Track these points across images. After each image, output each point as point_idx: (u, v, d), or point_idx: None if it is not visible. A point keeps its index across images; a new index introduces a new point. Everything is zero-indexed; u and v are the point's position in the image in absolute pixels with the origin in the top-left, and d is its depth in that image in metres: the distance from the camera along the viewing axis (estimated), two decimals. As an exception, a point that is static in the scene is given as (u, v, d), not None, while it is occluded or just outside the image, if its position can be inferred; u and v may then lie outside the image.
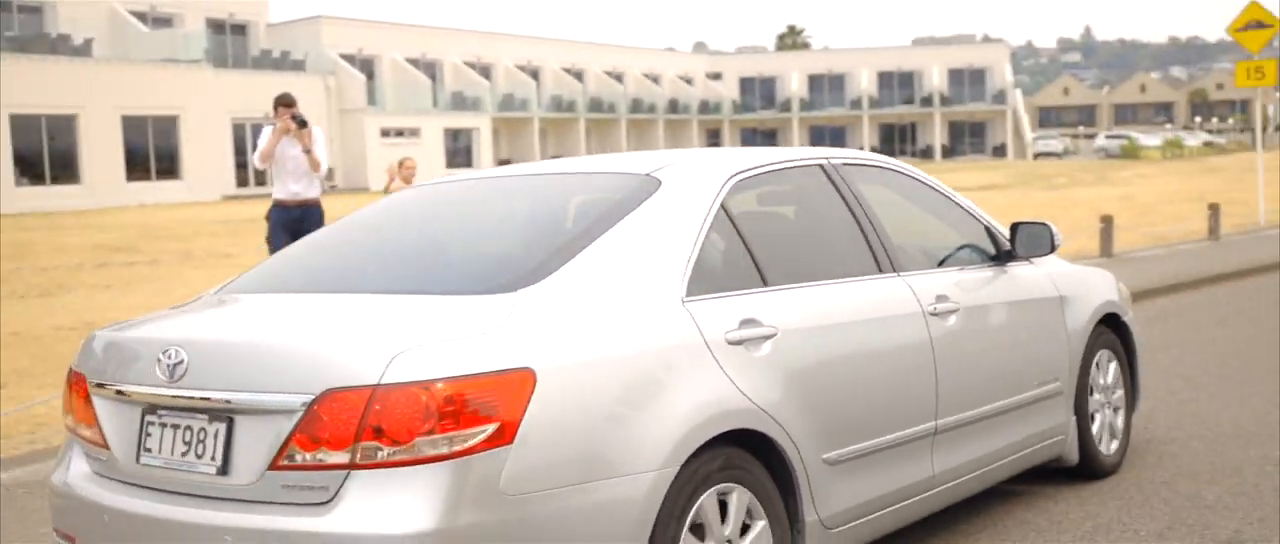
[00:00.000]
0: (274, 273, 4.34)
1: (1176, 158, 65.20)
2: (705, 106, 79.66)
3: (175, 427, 3.48)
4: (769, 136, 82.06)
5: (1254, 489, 5.37)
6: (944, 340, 4.66)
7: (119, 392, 3.64)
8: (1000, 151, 76.93)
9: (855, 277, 4.52)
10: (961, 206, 5.39)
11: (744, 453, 3.75)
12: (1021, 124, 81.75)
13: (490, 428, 3.16)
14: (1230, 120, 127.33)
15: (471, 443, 3.14)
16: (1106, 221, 16.74)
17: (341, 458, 3.16)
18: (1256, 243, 17.75)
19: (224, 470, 3.35)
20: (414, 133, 56.74)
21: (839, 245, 4.65)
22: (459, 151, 59.36)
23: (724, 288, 3.96)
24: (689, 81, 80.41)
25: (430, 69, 61.95)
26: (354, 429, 3.14)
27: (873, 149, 67.89)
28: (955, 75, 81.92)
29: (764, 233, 4.43)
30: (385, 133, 55.40)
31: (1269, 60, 20.69)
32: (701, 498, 3.58)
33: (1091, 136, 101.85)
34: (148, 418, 3.55)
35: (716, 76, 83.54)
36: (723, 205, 4.14)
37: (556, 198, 4.46)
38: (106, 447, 3.64)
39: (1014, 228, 5.35)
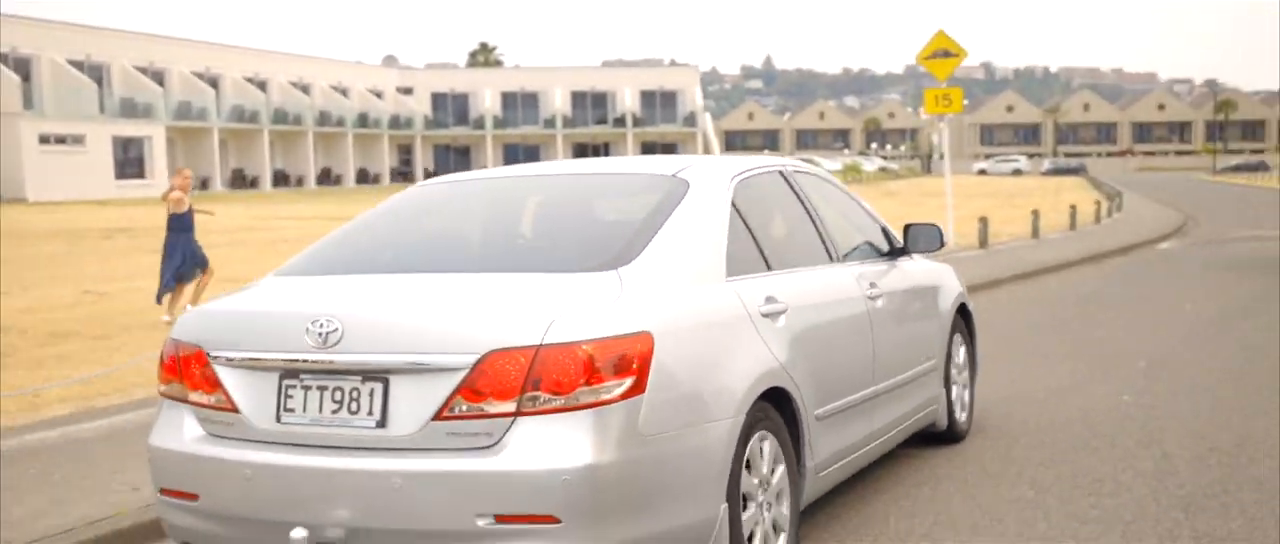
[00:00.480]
0: (339, 257, 4.77)
1: (856, 182, 68.29)
2: (396, 121, 78.18)
3: (322, 388, 3.95)
4: (463, 154, 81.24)
5: (1018, 538, 5.03)
6: (877, 319, 5.59)
7: (252, 360, 4.05)
8: (690, 173, 78.49)
9: (819, 264, 5.41)
10: (864, 208, 6.32)
11: (771, 407, 4.45)
12: (712, 146, 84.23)
13: (629, 380, 3.78)
14: (902, 147, 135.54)
15: (616, 393, 3.76)
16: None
17: (507, 407, 3.73)
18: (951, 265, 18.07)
19: (382, 424, 3.85)
20: (78, 140, 52.86)
21: (804, 238, 5.48)
22: (130, 162, 55.68)
23: (746, 271, 4.67)
24: (379, 95, 78.72)
25: (96, 72, 57.85)
26: (519, 383, 3.71)
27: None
28: (647, 97, 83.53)
29: (759, 226, 5.02)
30: (45, 140, 51.31)
31: (956, 88, 21.38)
32: (750, 442, 4.28)
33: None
34: (287, 382, 4.00)
35: (407, 91, 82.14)
36: (733, 203, 4.82)
37: (605, 192, 5.27)
38: (235, 410, 4.07)
39: (907, 228, 6.30)
